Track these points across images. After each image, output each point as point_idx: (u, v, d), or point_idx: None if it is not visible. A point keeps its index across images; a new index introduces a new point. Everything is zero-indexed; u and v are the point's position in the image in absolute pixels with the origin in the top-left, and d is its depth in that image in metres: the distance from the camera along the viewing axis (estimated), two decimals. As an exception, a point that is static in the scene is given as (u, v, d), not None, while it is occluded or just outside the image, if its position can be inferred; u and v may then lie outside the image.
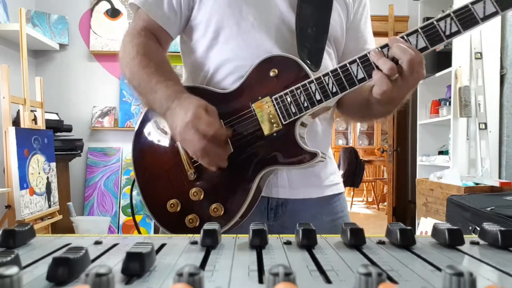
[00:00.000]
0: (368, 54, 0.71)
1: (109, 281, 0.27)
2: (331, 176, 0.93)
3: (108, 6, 3.77)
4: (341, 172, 5.78)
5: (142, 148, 0.85)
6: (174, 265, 0.38)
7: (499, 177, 2.84)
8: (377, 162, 6.41)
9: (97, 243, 0.47)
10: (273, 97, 0.75)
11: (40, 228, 2.61)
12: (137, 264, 0.34)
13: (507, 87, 2.87)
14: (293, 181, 0.86)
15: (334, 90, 0.72)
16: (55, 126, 3.17)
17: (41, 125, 2.85)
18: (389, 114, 0.85)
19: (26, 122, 2.62)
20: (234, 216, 0.75)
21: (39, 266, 0.38)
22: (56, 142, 3.04)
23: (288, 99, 0.74)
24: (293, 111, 0.74)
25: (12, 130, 2.41)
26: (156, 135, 0.84)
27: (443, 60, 3.10)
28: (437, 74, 3.23)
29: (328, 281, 0.33)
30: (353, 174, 5.66)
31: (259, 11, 0.83)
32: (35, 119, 2.75)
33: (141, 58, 0.81)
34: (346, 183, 5.76)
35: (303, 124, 0.77)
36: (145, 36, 0.86)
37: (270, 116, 0.75)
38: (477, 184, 2.53)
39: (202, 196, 0.77)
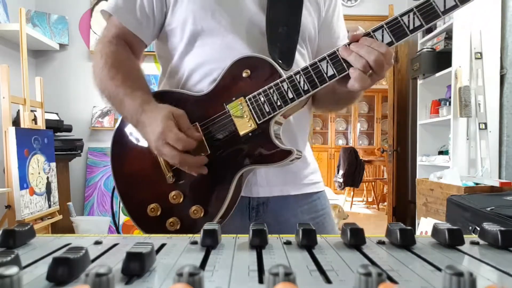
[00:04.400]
0: (336, 51, 0.72)
1: (109, 281, 0.27)
2: (311, 175, 0.93)
3: (108, 6, 3.77)
4: (341, 172, 5.78)
5: (120, 154, 0.86)
6: (174, 265, 0.38)
7: (499, 177, 2.84)
8: (377, 162, 6.41)
9: (97, 243, 0.47)
10: (247, 97, 0.76)
11: (40, 228, 2.61)
12: (137, 264, 0.34)
13: (507, 87, 2.87)
14: (271, 179, 0.87)
15: (306, 88, 0.73)
16: (55, 126, 3.17)
17: (41, 125, 2.85)
18: (353, 103, 0.93)
19: (26, 122, 2.62)
20: (215, 217, 0.76)
21: (39, 266, 0.38)
22: (56, 142, 3.04)
23: (262, 99, 0.75)
24: (267, 110, 0.75)
25: (12, 130, 2.41)
26: (133, 141, 0.84)
27: (443, 60, 3.10)
28: (437, 74, 3.23)
29: (328, 281, 0.33)
30: (353, 174, 5.66)
31: (231, 14, 0.83)
32: (35, 119, 2.75)
33: (109, 68, 0.81)
34: (346, 183, 5.76)
35: (277, 123, 0.78)
36: (116, 44, 0.85)
37: (245, 116, 0.76)
38: (477, 184, 2.53)
39: (181, 199, 0.78)
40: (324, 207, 0.94)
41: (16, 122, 2.73)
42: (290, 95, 0.74)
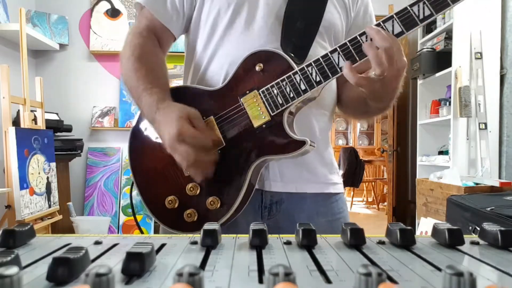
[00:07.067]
0: (348, 43, 0.73)
1: (109, 281, 0.27)
2: (330, 175, 0.92)
3: (108, 6, 3.77)
4: (341, 172, 5.78)
5: (138, 148, 0.87)
6: (174, 265, 0.38)
7: (499, 177, 2.84)
8: (377, 162, 6.41)
9: (97, 243, 0.47)
10: (260, 90, 0.78)
11: (40, 228, 2.61)
12: (137, 264, 0.34)
13: (507, 87, 2.87)
14: (285, 174, 0.87)
15: (318, 79, 0.75)
16: (55, 126, 3.17)
17: (41, 125, 2.85)
18: (386, 109, 0.86)
19: (26, 122, 2.62)
20: (231, 208, 0.77)
21: (39, 266, 0.38)
22: (56, 142, 3.04)
23: (275, 91, 0.77)
24: (280, 102, 0.77)
25: (12, 130, 2.41)
26: (151, 135, 0.85)
27: (443, 60, 3.10)
28: (437, 74, 3.23)
29: (328, 281, 0.33)
30: (353, 174, 5.66)
31: (252, 7, 0.85)
32: (35, 119, 2.75)
33: (134, 60, 0.83)
34: (346, 183, 5.75)
35: (291, 113, 0.79)
36: (146, 37, 0.88)
37: (259, 108, 0.78)
38: (477, 184, 2.53)
39: (198, 191, 0.79)
40: (341, 211, 0.93)
41: (16, 122, 2.73)
42: (303, 87, 0.76)
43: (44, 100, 2.91)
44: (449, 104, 3.05)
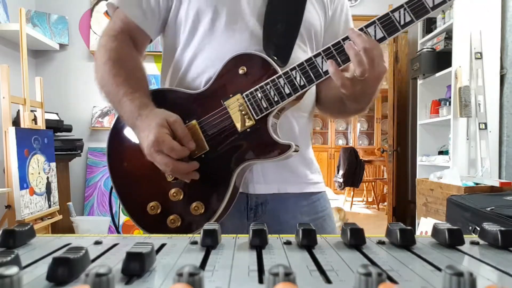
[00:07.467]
0: (331, 47, 0.74)
1: (109, 281, 0.27)
2: (311, 175, 0.93)
3: (108, 6, 3.77)
4: (341, 172, 5.78)
5: (118, 153, 0.85)
6: (174, 265, 0.38)
7: (499, 177, 2.84)
8: (377, 162, 6.41)
9: (97, 243, 0.47)
10: (244, 93, 0.77)
11: (40, 228, 2.61)
12: (137, 264, 0.34)
13: (507, 87, 2.87)
14: (268, 176, 0.86)
15: (302, 83, 0.75)
16: (55, 126, 3.17)
17: (41, 125, 2.85)
18: (363, 111, 0.87)
19: (26, 122, 2.62)
20: (215, 213, 0.76)
21: (39, 266, 0.38)
22: (56, 142, 3.04)
23: (259, 95, 0.76)
24: (265, 106, 0.76)
25: (12, 130, 2.41)
26: (130, 140, 0.83)
27: (443, 60, 3.10)
28: (437, 74, 3.23)
29: (328, 281, 0.33)
30: (353, 174, 5.66)
31: (232, 9, 0.83)
32: (35, 119, 2.75)
33: (112, 64, 0.81)
34: (346, 183, 5.76)
35: (275, 116, 0.79)
36: (121, 40, 0.85)
37: (243, 112, 0.77)
38: (477, 184, 2.53)
39: (181, 196, 0.78)
40: (324, 209, 0.93)
41: (16, 122, 2.73)
42: (287, 91, 0.75)
43: (44, 100, 2.91)
44: (449, 104, 3.05)
